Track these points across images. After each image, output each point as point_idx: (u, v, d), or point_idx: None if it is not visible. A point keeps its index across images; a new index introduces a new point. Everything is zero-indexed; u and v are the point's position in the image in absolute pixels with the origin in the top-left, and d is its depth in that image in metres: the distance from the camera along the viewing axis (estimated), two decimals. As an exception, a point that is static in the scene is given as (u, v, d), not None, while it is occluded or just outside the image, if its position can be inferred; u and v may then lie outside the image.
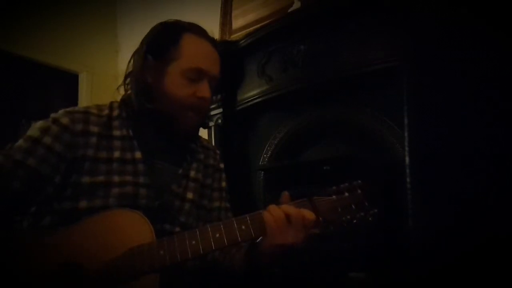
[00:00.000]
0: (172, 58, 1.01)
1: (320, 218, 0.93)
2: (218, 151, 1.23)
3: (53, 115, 0.97)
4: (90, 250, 0.84)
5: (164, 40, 1.02)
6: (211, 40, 1.07)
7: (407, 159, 1.26)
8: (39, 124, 0.95)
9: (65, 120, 0.95)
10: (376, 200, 0.98)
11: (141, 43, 1.05)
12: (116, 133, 1.00)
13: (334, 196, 0.97)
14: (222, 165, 1.21)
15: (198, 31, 1.05)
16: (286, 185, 1.83)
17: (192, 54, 1.01)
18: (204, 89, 1.02)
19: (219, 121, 2.10)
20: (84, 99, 3.01)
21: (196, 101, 1.01)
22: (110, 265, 0.83)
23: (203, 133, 1.24)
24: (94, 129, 0.97)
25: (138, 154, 1.00)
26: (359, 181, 1.00)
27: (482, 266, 1.06)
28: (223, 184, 1.19)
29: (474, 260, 1.07)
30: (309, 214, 0.91)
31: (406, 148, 1.27)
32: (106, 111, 1.03)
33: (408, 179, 1.24)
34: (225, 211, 1.16)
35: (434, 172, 1.21)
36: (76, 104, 2.97)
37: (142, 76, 1.02)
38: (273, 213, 0.90)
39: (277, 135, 1.95)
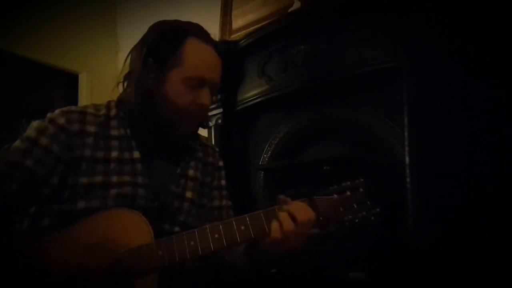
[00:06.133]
0: (174, 65, 0.98)
1: (321, 218, 0.92)
2: (217, 149, 1.22)
3: (49, 115, 0.95)
4: (89, 251, 0.84)
5: (166, 45, 0.99)
6: (214, 43, 1.03)
7: (407, 159, 1.26)
8: (36, 124, 0.94)
9: (61, 121, 0.94)
10: (378, 199, 0.97)
11: (141, 41, 1.02)
12: (114, 132, 0.99)
13: (335, 195, 0.96)
14: (221, 163, 1.20)
15: (201, 34, 1.02)
16: (286, 185, 1.83)
17: (194, 62, 0.98)
18: (204, 97, 1.00)
19: (219, 121, 2.10)
20: (84, 99, 3.00)
21: (196, 108, 1.00)
22: (109, 265, 0.83)
23: (203, 133, 1.24)
24: (91, 129, 0.96)
25: (136, 154, 0.99)
26: (361, 180, 0.99)
27: (482, 265, 1.06)
28: (223, 182, 1.18)
29: (474, 260, 1.07)
30: (305, 214, 0.90)
31: (406, 148, 1.27)
32: (103, 111, 1.02)
33: (408, 179, 1.24)
34: (226, 209, 1.15)
35: (434, 172, 1.20)
36: (76, 104, 2.96)
37: (142, 79, 0.99)
38: (282, 222, 0.88)
39: (277, 135, 1.95)
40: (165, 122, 0.99)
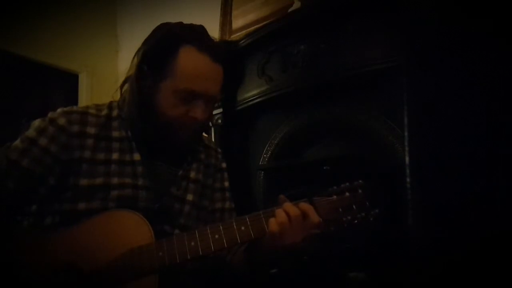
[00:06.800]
0: (167, 75, 0.94)
1: (320, 219, 0.93)
2: (219, 150, 1.21)
3: (50, 114, 0.96)
4: (89, 251, 0.85)
5: (160, 53, 0.96)
6: (213, 51, 0.97)
7: (407, 159, 1.26)
8: (37, 123, 0.94)
9: (62, 121, 0.94)
10: (377, 200, 0.98)
11: (142, 45, 1.01)
12: (115, 134, 0.99)
13: (334, 196, 0.97)
14: (224, 165, 1.19)
15: (200, 43, 0.96)
16: (286, 185, 1.83)
17: (186, 74, 0.94)
18: (197, 110, 0.96)
19: (219, 121, 2.10)
20: (84, 99, 3.01)
21: (188, 121, 0.96)
22: (109, 266, 0.83)
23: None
24: (91, 130, 0.96)
25: (137, 156, 0.99)
26: (360, 181, 1.00)
27: (482, 266, 1.06)
28: (226, 184, 1.17)
29: (474, 260, 1.07)
30: (309, 209, 0.91)
31: (406, 148, 1.26)
32: (105, 111, 1.02)
33: (408, 179, 1.24)
34: (228, 212, 1.15)
35: (434, 172, 1.20)
36: (76, 104, 2.97)
37: (137, 86, 0.98)
38: (277, 216, 0.90)
39: (277, 135, 1.95)
40: (162, 129, 0.98)
